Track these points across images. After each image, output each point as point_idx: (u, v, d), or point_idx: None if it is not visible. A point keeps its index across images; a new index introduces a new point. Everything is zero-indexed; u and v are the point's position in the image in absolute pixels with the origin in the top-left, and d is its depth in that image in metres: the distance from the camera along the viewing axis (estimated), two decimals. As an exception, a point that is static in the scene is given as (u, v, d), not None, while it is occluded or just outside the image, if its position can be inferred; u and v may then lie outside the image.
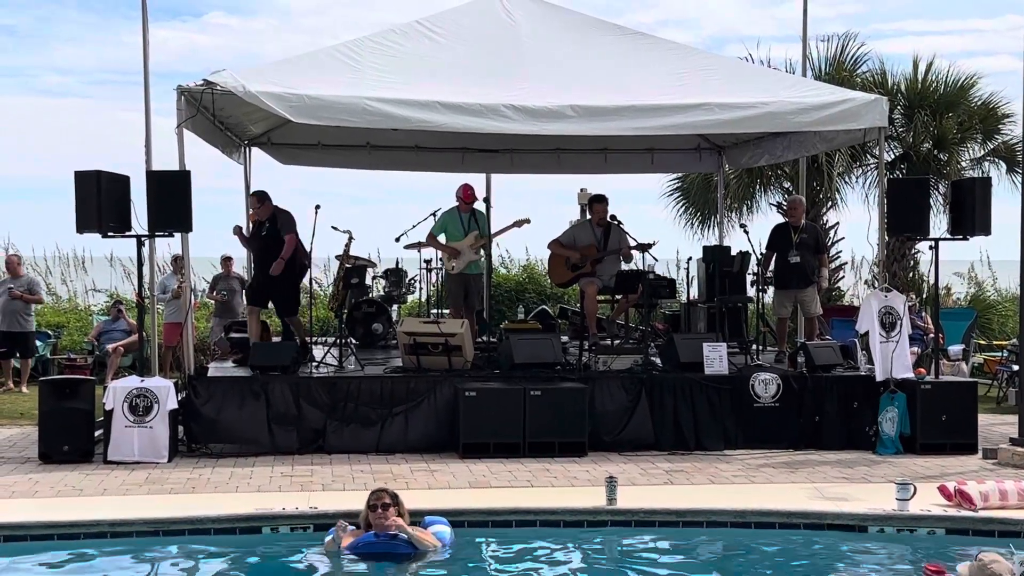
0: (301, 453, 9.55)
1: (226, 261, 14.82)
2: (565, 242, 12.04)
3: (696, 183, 17.55)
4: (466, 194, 11.83)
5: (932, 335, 12.02)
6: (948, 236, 10.30)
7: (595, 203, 12.06)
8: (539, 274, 18.06)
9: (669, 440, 9.92)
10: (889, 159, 15.72)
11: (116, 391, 9.19)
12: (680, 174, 17.41)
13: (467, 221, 11.78)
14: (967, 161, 16.39)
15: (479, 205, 12.22)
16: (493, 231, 12.24)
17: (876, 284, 11.88)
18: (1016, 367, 12.27)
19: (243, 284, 14.65)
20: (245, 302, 14.60)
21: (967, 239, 10.25)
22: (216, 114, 10.67)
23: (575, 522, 7.30)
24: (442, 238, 11.84)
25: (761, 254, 11.46)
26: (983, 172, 16.14)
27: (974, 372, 14.12)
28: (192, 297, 11.17)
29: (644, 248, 11.53)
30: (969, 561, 5.36)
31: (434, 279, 13.52)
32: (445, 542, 6.61)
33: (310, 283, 13.12)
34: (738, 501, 7.64)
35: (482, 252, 12.28)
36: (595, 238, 11.89)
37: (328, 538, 6.50)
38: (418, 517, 6.75)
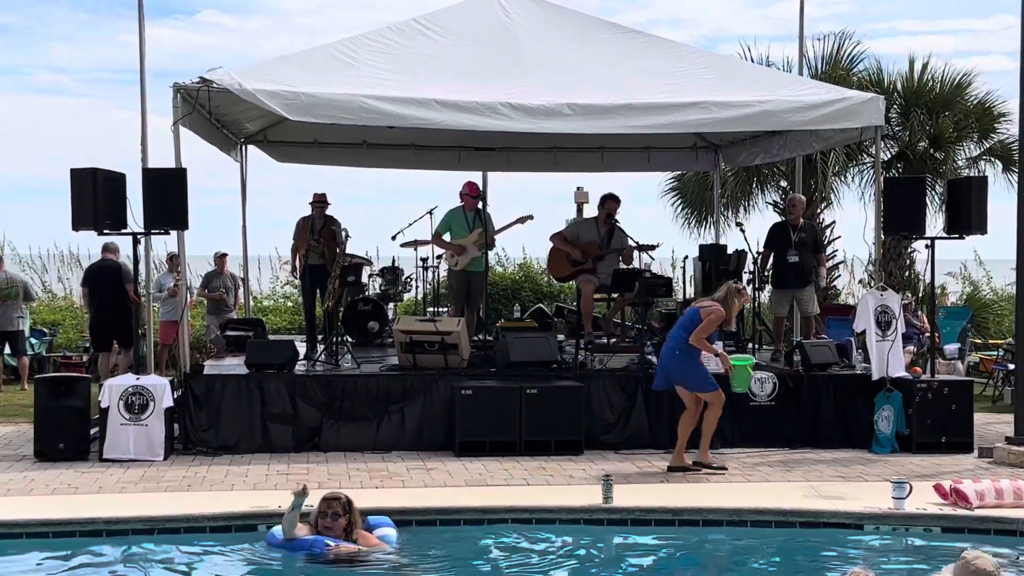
0: (297, 451, 9.54)
1: (220, 258, 14.63)
2: (569, 236, 12.04)
3: (692, 182, 17.55)
4: (472, 191, 11.83)
5: (928, 334, 12.03)
6: (944, 235, 10.30)
7: (608, 200, 11.95)
8: (536, 273, 18.05)
9: (665, 438, 9.88)
10: (885, 158, 15.72)
11: (112, 389, 9.18)
12: (676, 173, 17.41)
13: (472, 219, 11.75)
14: (963, 160, 16.38)
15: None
16: (496, 228, 12.21)
17: (872, 283, 11.86)
18: (1012, 366, 12.27)
19: (235, 282, 14.57)
20: (239, 300, 14.60)
21: (963, 238, 10.25)
22: (212, 112, 10.65)
23: (571, 520, 7.30)
24: (447, 236, 11.82)
25: (758, 253, 11.45)
26: (979, 171, 16.13)
27: (970, 371, 14.12)
28: (188, 295, 11.13)
29: (648, 249, 11.50)
30: (953, 563, 5.36)
31: (430, 277, 13.50)
32: (391, 544, 6.59)
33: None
34: (734, 500, 7.64)
35: (485, 251, 12.24)
36: (599, 236, 11.89)
37: (285, 522, 6.49)
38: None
